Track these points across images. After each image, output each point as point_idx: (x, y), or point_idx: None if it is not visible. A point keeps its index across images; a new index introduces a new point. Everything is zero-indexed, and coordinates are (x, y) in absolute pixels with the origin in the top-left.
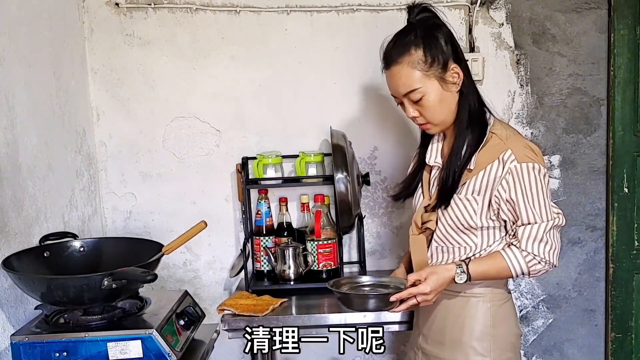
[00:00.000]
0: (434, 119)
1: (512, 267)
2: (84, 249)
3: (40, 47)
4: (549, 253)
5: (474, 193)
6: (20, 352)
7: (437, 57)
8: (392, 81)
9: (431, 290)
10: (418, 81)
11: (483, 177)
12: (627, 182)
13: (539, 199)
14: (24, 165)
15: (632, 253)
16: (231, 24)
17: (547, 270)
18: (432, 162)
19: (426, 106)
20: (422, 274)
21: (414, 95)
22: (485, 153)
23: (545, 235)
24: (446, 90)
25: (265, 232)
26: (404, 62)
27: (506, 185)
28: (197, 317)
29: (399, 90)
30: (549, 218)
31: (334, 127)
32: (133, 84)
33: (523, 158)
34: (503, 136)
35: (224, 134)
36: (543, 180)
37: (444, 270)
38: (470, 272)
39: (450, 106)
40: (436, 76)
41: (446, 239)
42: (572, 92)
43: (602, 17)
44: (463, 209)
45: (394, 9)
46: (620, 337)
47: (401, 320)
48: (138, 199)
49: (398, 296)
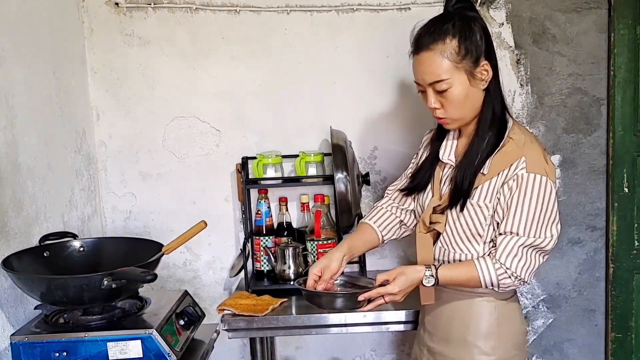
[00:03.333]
0: (454, 113)
1: (483, 278)
2: (83, 248)
3: (40, 47)
4: (521, 269)
5: (485, 199)
6: (20, 352)
7: (470, 50)
8: (420, 68)
9: (399, 291)
10: (447, 72)
11: (496, 183)
12: (627, 182)
13: (534, 212)
14: (23, 165)
15: (632, 253)
16: (231, 23)
17: (517, 286)
18: (445, 158)
19: (450, 99)
20: (391, 274)
21: (440, 86)
22: (500, 158)
23: (520, 250)
24: (473, 86)
25: (265, 232)
26: (436, 50)
27: (507, 190)
28: (197, 317)
29: (425, 78)
30: (535, 235)
31: (334, 127)
32: (133, 84)
33: (534, 168)
34: (520, 142)
35: (224, 134)
36: (547, 195)
37: (413, 271)
38: (438, 276)
39: (474, 103)
40: (466, 70)
41: (450, 244)
42: (572, 92)
43: (602, 16)
44: (474, 216)
45: (394, 8)
46: (621, 337)
47: (406, 320)
48: (138, 199)
49: (366, 295)
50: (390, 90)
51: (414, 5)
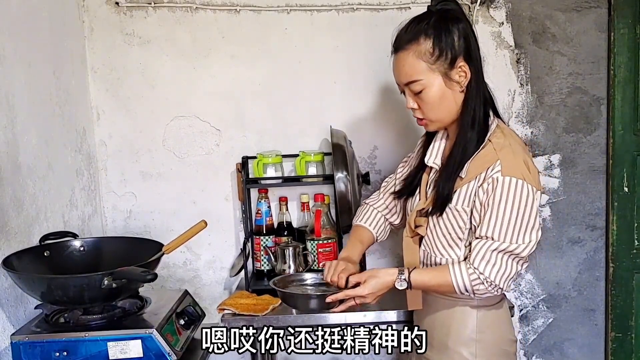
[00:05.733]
0: (431, 114)
1: (456, 283)
2: (84, 248)
3: (40, 46)
4: (495, 275)
5: (463, 204)
6: (20, 351)
7: (445, 51)
8: (396, 68)
9: (368, 294)
10: (421, 73)
11: (473, 186)
12: (627, 181)
13: (510, 217)
14: (24, 164)
15: (632, 252)
16: (231, 23)
17: (492, 292)
18: (430, 162)
19: (425, 100)
20: (362, 276)
21: (415, 87)
22: (477, 162)
23: (493, 255)
24: (449, 88)
25: (265, 232)
26: (410, 50)
27: (482, 193)
28: (197, 316)
29: (400, 79)
30: (510, 240)
31: (334, 126)
32: (133, 83)
33: (509, 171)
34: (498, 146)
35: (224, 134)
36: (524, 200)
37: (385, 274)
38: (411, 280)
39: (451, 105)
40: (441, 71)
41: (432, 248)
42: (572, 91)
43: (602, 16)
44: (453, 220)
45: (393, 8)
46: (621, 336)
47: (397, 320)
48: (138, 199)
49: (334, 297)
50: (390, 90)
51: (414, 5)
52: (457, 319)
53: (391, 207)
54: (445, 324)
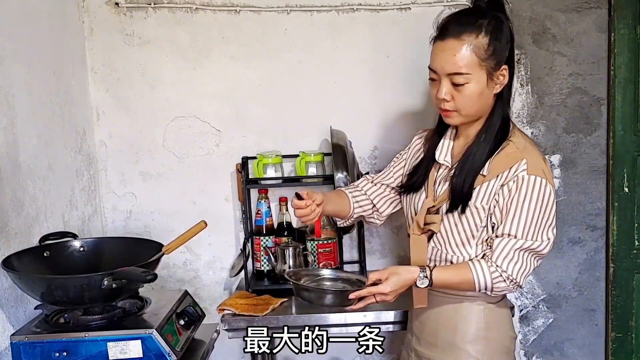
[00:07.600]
0: (464, 109)
1: (477, 280)
2: (84, 248)
3: (40, 46)
4: (517, 272)
5: (482, 201)
6: (20, 352)
7: (497, 51)
8: (442, 55)
9: (391, 291)
10: (471, 67)
11: (495, 184)
12: (628, 181)
13: (533, 215)
14: (24, 165)
15: (632, 253)
16: (231, 23)
17: (510, 290)
18: (441, 159)
19: (464, 94)
20: (384, 273)
21: (458, 79)
22: (500, 160)
23: (516, 253)
24: (489, 88)
25: (265, 232)
26: (465, 41)
27: (507, 192)
28: (197, 316)
29: (444, 67)
30: (532, 238)
31: (334, 127)
32: (133, 84)
33: (535, 171)
34: (520, 145)
35: (224, 134)
36: (547, 199)
37: (406, 272)
38: (432, 278)
39: (485, 104)
40: (487, 70)
41: (444, 245)
42: (572, 92)
43: (602, 16)
44: (470, 218)
45: (394, 8)
46: (621, 336)
47: (394, 320)
48: (138, 199)
49: (357, 294)
50: (390, 90)
51: (414, 5)
52: (463, 317)
53: (384, 195)
54: (451, 322)
